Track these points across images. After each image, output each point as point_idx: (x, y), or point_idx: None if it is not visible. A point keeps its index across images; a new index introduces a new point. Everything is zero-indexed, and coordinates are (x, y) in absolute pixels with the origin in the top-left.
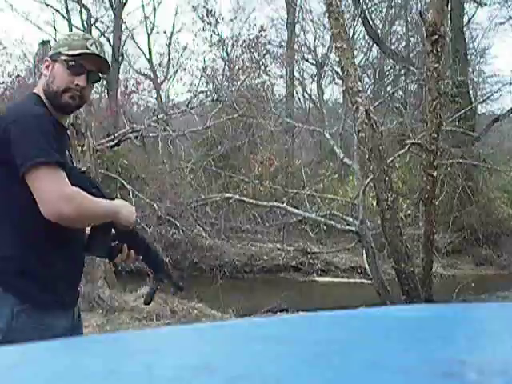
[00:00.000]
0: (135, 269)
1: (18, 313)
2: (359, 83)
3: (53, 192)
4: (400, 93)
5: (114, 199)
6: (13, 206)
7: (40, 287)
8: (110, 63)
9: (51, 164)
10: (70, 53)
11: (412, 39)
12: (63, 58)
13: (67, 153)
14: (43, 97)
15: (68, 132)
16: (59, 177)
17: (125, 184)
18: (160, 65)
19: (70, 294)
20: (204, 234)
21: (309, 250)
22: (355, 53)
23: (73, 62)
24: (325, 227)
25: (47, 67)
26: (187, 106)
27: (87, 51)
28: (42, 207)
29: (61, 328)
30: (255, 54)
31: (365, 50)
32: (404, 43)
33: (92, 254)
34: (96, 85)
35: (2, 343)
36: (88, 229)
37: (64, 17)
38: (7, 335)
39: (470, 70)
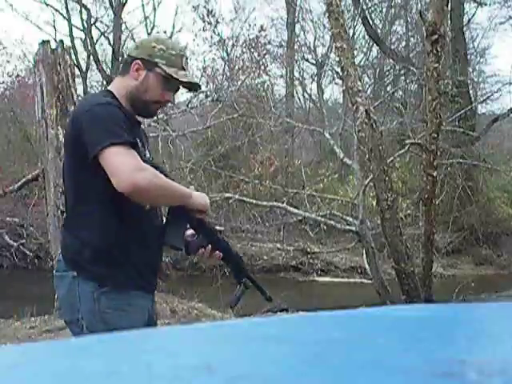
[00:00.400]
0: None
1: (98, 296)
2: (359, 83)
3: (126, 164)
4: (400, 93)
5: None
6: (85, 192)
7: (117, 270)
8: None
9: (123, 144)
10: (172, 74)
11: (412, 39)
12: (160, 71)
13: (140, 143)
14: (119, 95)
15: (142, 126)
16: (132, 153)
17: None
18: None
19: (148, 278)
20: None
21: (309, 249)
22: (355, 53)
23: (170, 79)
24: (325, 227)
25: (138, 71)
26: (187, 105)
27: (189, 80)
28: (114, 180)
29: (145, 309)
30: (255, 54)
31: (365, 49)
32: (404, 43)
33: (167, 244)
34: (95, 84)
35: (90, 329)
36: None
37: (64, 17)
38: (94, 319)
39: (470, 69)
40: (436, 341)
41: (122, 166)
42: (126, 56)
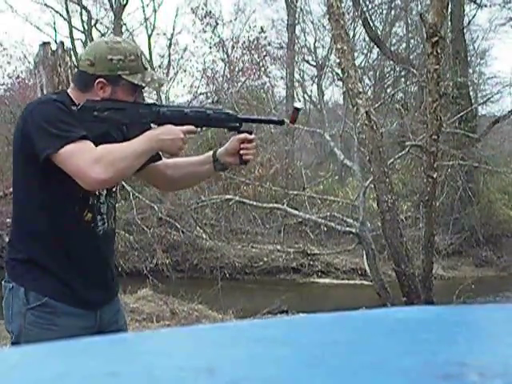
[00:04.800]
0: (135, 270)
1: (25, 313)
2: (360, 85)
3: (80, 166)
4: (400, 94)
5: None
6: (21, 201)
7: (47, 285)
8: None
9: (68, 143)
10: (138, 82)
11: (412, 41)
12: (124, 83)
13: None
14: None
15: None
16: (80, 149)
17: (125, 185)
18: (160, 66)
19: (87, 293)
20: (204, 235)
21: (309, 251)
22: (355, 54)
23: (137, 85)
24: (325, 229)
25: (102, 89)
26: None
27: (158, 81)
28: (80, 183)
29: (75, 329)
30: (255, 56)
31: (365, 51)
32: (404, 45)
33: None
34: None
35: (14, 343)
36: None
37: (64, 18)
38: (20, 335)
39: (471, 71)
40: (436, 343)
41: (77, 169)
42: (80, 71)
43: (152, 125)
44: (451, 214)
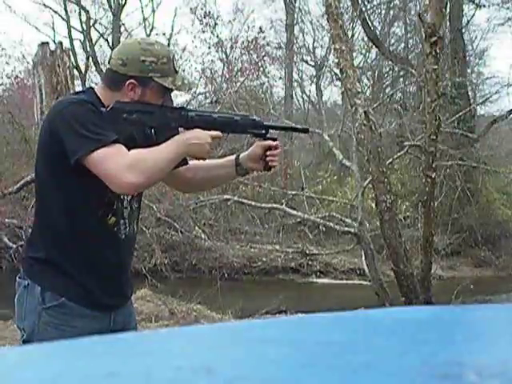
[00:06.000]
0: (134, 270)
1: (40, 312)
2: (358, 85)
3: (112, 171)
4: (399, 94)
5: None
6: (45, 201)
7: (62, 285)
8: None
9: (101, 146)
10: (169, 85)
11: (411, 41)
12: (154, 85)
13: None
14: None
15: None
16: (112, 154)
17: None
18: None
19: (102, 296)
20: (203, 235)
21: (308, 251)
22: (354, 54)
23: (167, 88)
24: (324, 229)
25: (132, 90)
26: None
27: (184, 88)
28: (112, 187)
29: (90, 330)
30: (254, 56)
31: (363, 51)
32: (403, 45)
33: None
34: (95, 86)
35: (27, 342)
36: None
37: (63, 18)
38: (33, 333)
39: (469, 71)
40: (435, 343)
41: (109, 172)
42: (111, 70)
43: (180, 129)
44: (450, 214)
